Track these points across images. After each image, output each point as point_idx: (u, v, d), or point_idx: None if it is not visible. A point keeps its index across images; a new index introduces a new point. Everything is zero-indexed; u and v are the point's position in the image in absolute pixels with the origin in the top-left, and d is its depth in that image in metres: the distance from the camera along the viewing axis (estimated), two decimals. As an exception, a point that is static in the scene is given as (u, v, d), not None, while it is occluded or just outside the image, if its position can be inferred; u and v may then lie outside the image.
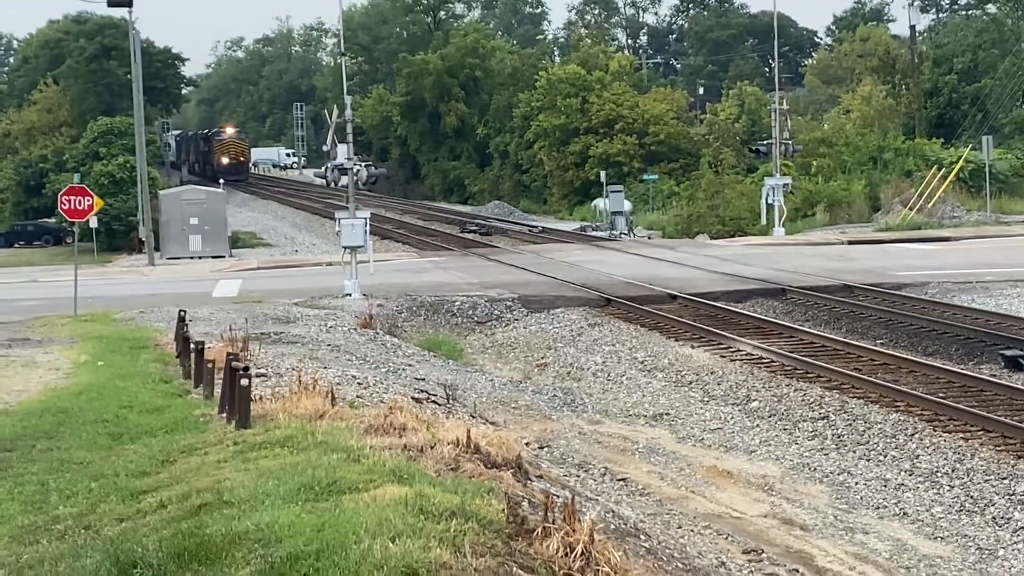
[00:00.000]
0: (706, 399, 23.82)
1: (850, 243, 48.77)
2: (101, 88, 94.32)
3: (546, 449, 18.90)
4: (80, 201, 32.47)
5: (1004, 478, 17.26)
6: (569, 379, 26.56)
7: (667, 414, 23.06)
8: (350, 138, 36.04)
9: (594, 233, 61.10)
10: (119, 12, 61.41)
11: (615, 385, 25.69)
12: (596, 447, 19.94)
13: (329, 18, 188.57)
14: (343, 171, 36.41)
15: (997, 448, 18.43)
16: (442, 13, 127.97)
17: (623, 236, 58.81)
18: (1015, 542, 15.40)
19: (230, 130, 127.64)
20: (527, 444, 18.54)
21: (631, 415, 23.19)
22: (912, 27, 75.96)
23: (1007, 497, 16.62)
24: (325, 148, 37.42)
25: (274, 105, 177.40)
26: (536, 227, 66.83)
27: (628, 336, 29.59)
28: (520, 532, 8.72)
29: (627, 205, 63.41)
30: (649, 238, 60.33)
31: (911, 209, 55.63)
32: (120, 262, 54.87)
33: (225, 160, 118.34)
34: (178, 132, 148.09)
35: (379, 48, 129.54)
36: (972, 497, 16.88)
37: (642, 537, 11.96)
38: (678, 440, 21.14)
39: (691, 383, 25.03)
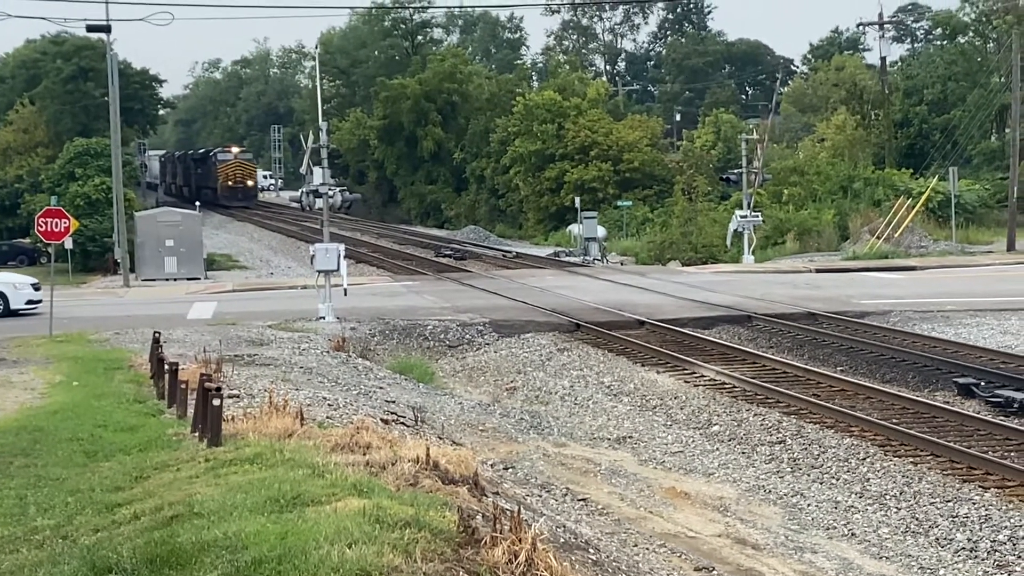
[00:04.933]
0: (669, 423, 24.43)
1: (818, 271, 49.51)
2: (78, 109, 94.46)
3: (511, 470, 19.42)
4: (57, 223, 32.99)
5: (949, 501, 17.94)
6: (537, 403, 27.10)
7: (630, 437, 23.65)
8: (325, 163, 36.54)
9: (567, 259, 61.72)
10: (97, 34, 61.79)
11: (581, 409, 26.25)
12: (560, 469, 20.47)
13: (308, 41, 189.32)
14: (318, 195, 36.94)
15: (944, 472, 19.12)
16: (420, 38, 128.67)
17: (596, 262, 59.45)
18: (955, 562, 16.04)
19: (235, 149, 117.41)
20: (492, 465, 19.10)
21: (596, 438, 23.75)
22: (883, 58, 77.10)
23: (951, 519, 17.28)
24: (302, 171, 37.90)
25: (252, 127, 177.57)
26: (510, 252, 67.42)
27: (596, 361, 30.18)
28: (470, 541, 9.35)
29: (601, 231, 64.08)
30: (622, 264, 61.00)
31: (879, 238, 56.47)
32: (95, 283, 55.24)
33: (230, 184, 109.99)
34: (162, 152, 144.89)
35: (357, 72, 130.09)
36: (917, 519, 17.54)
37: (590, 551, 12.54)
38: (640, 463, 21.71)
39: (655, 407, 25.63)
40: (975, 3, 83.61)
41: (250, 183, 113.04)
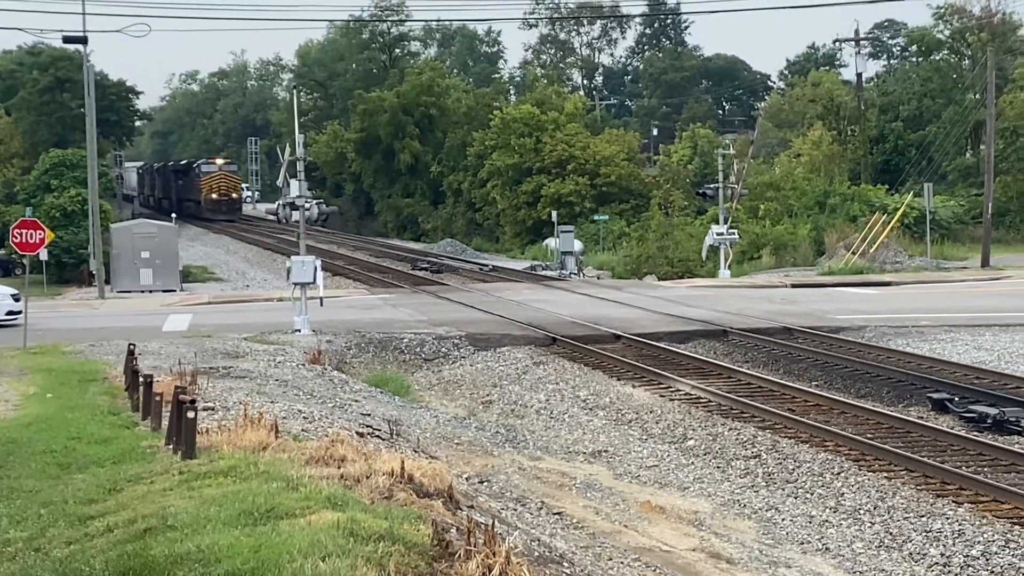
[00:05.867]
0: (644, 437, 24.45)
1: (793, 286, 49.61)
2: (54, 120, 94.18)
3: (486, 484, 19.40)
4: (31, 235, 32.89)
5: (923, 516, 18.01)
6: (513, 416, 27.10)
7: (606, 451, 23.66)
8: (302, 175, 36.48)
9: (544, 272, 61.73)
10: (74, 45, 61.58)
11: (557, 423, 26.26)
12: (535, 482, 20.46)
13: (286, 53, 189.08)
14: (295, 207, 36.88)
15: (918, 487, 19.21)
16: (398, 51, 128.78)
17: (572, 276, 59.49)
18: (928, 576, 16.12)
19: (220, 161, 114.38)
20: (467, 479, 19.08)
21: (571, 452, 23.75)
22: (859, 75, 77.47)
23: (924, 534, 17.34)
24: (279, 183, 37.82)
25: (229, 139, 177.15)
26: (487, 265, 67.38)
27: (572, 375, 30.20)
28: (444, 554, 9.35)
29: (577, 245, 64.13)
30: (598, 278, 61.03)
31: (854, 253, 56.66)
32: (70, 295, 54.97)
33: (214, 196, 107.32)
34: (140, 164, 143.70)
35: (335, 84, 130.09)
36: (891, 533, 17.60)
37: (565, 564, 12.55)
38: (615, 477, 21.72)
39: (631, 421, 25.66)
40: (949, 20, 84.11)
41: (235, 196, 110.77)
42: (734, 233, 56.63)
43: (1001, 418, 23.31)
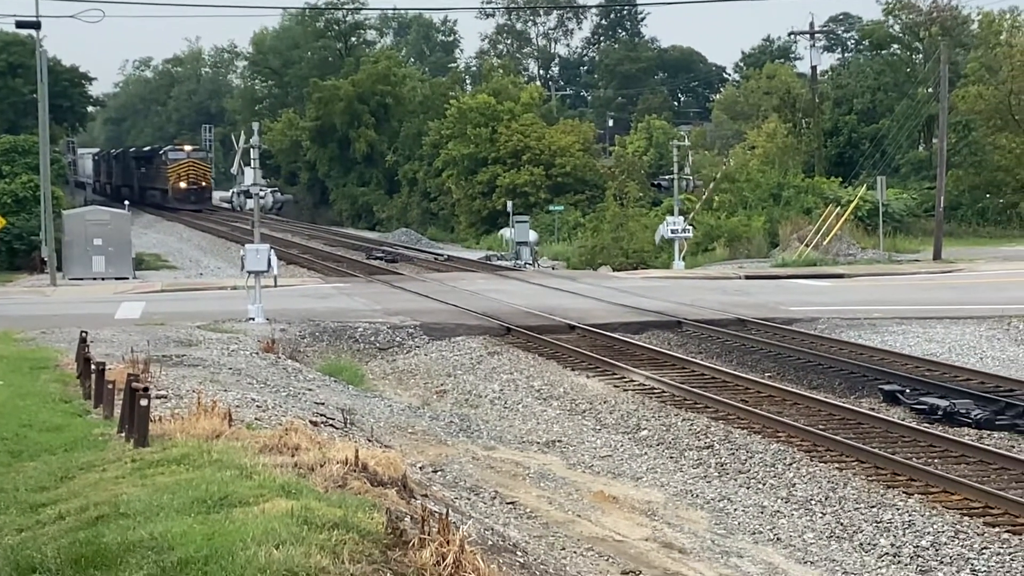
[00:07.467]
0: (598, 427, 24.53)
1: (747, 278, 49.79)
2: (5, 106, 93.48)
3: (439, 473, 19.41)
4: (-17, 220, 32.64)
5: (873, 506, 18.16)
6: (467, 406, 27.12)
7: (560, 441, 23.72)
8: (256, 163, 36.33)
9: (499, 262, 61.79)
10: (27, 30, 61.06)
11: (511, 412, 26.30)
12: (488, 472, 20.49)
13: (241, 40, 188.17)
14: (249, 196, 36.77)
15: (869, 478, 19.37)
16: (353, 39, 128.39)
17: (527, 266, 59.54)
18: (879, 567, 16.24)
19: (188, 148, 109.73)
20: (421, 468, 19.09)
21: (525, 442, 23.80)
22: (813, 68, 77.76)
23: (875, 524, 17.50)
24: (233, 171, 37.67)
25: (183, 126, 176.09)
26: (442, 255, 67.39)
27: (526, 365, 30.22)
28: (398, 543, 9.38)
29: (532, 235, 64.15)
30: (553, 268, 61.14)
31: (808, 246, 56.99)
32: (21, 282, 54.55)
33: (183, 185, 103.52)
34: (96, 150, 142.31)
35: (290, 72, 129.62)
36: (842, 524, 17.74)
37: (518, 553, 12.59)
38: (569, 466, 21.77)
39: (584, 411, 25.73)
40: (898, 16, 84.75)
41: (204, 184, 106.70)
42: (688, 230, 56.65)
43: (951, 410, 23.54)
